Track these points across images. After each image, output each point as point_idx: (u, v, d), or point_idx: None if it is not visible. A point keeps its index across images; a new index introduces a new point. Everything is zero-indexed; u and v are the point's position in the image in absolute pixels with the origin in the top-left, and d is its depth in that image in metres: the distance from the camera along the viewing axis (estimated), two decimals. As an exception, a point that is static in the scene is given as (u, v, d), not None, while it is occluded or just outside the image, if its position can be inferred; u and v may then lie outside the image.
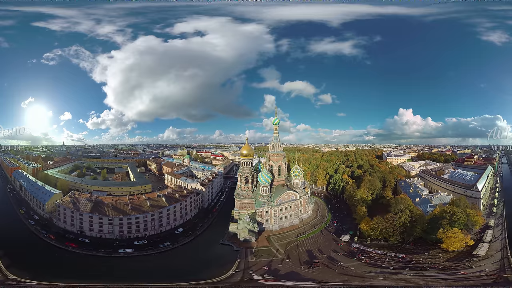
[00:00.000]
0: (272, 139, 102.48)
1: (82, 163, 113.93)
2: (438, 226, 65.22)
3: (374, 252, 70.05)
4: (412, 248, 68.78)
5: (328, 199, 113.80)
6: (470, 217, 66.98)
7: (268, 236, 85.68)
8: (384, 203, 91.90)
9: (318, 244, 79.55)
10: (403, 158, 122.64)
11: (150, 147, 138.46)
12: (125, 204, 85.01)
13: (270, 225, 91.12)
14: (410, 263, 61.89)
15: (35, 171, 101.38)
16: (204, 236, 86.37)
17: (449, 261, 60.24)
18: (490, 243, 62.66)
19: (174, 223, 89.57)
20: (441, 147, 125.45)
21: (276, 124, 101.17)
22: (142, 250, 74.04)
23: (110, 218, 78.84)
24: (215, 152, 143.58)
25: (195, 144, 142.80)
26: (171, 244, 78.09)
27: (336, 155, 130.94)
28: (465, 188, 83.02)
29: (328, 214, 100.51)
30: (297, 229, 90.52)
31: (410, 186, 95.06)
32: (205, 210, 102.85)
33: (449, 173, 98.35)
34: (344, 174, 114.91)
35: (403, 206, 75.16)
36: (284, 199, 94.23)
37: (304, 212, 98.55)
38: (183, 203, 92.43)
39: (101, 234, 77.86)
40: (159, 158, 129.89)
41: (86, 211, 79.73)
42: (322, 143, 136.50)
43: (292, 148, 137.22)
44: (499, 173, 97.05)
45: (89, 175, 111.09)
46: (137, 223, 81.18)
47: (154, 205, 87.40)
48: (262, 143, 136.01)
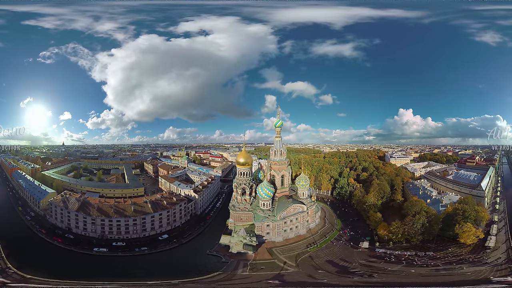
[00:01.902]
0: (274, 144, 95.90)
1: (79, 164, 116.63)
2: (453, 222, 73.01)
3: (403, 254, 73.28)
4: (434, 246, 74.36)
5: (334, 204, 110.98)
6: (479, 213, 74.96)
7: (270, 248, 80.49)
8: (394, 206, 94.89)
9: (336, 253, 77.43)
10: (406, 160, 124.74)
11: (150, 148, 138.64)
12: (109, 207, 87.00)
13: (272, 237, 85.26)
14: (442, 260, 68.41)
15: (33, 172, 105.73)
16: (189, 244, 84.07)
17: (471, 254, 68.95)
18: (496, 236, 73.08)
19: (159, 229, 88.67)
20: (441, 148, 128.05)
21: (278, 126, 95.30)
22: (116, 251, 77.37)
23: (93, 218, 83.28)
24: (214, 153, 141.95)
25: (195, 144, 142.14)
26: (148, 250, 78.31)
27: (338, 157, 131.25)
28: (470, 188, 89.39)
29: (337, 221, 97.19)
30: (305, 240, 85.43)
31: (419, 188, 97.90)
32: (198, 217, 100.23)
33: (453, 174, 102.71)
34: (350, 178, 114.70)
35: (418, 208, 79.94)
36: (289, 213, 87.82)
37: (311, 222, 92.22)
38: (170, 210, 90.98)
39: (85, 232, 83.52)
40: (156, 159, 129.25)
41: (73, 209, 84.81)
42: (322, 143, 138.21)
43: (292, 148, 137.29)
44: (500, 173, 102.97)
45: (86, 176, 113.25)
46: (118, 225, 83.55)
47: (138, 211, 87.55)
48: (262, 143, 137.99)
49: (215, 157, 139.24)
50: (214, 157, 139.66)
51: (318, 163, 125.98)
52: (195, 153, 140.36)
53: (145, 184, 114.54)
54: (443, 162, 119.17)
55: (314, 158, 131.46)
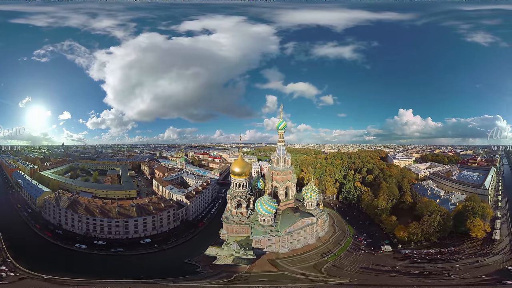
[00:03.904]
0: (277, 150, 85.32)
1: (77, 164, 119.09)
2: (465, 218, 78.53)
3: (429, 252, 75.59)
4: (450, 242, 78.12)
5: (341, 209, 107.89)
6: (485, 209, 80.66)
7: (274, 260, 73.30)
8: (404, 208, 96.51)
9: (363, 259, 74.71)
10: (409, 160, 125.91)
11: (149, 148, 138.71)
12: (96, 207, 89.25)
13: (276, 248, 77.09)
14: (464, 253, 72.43)
15: (32, 172, 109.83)
16: (171, 251, 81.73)
17: (484, 246, 74.16)
18: (500, 230, 79.80)
19: (143, 233, 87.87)
20: (442, 148, 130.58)
21: (281, 129, 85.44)
22: (93, 249, 79.86)
23: (79, 216, 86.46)
24: (213, 154, 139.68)
25: (195, 144, 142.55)
26: (123, 251, 79.20)
27: (340, 158, 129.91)
28: (474, 187, 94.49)
29: (348, 227, 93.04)
30: (317, 249, 78.75)
31: (426, 189, 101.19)
32: (189, 224, 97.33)
33: (457, 174, 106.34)
34: (356, 182, 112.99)
35: (432, 208, 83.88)
36: (296, 227, 79.35)
37: (320, 230, 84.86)
38: (156, 216, 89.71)
39: (73, 229, 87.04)
40: (153, 161, 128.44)
41: (63, 207, 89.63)
42: (322, 143, 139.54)
43: (293, 149, 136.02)
44: (500, 173, 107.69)
45: (83, 176, 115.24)
46: (102, 225, 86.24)
47: (122, 213, 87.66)
48: (262, 143, 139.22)
49: (213, 158, 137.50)
50: (213, 158, 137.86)
51: (320, 165, 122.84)
52: (193, 153, 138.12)
53: (139, 186, 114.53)
54: (445, 162, 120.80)
55: (316, 159, 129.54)
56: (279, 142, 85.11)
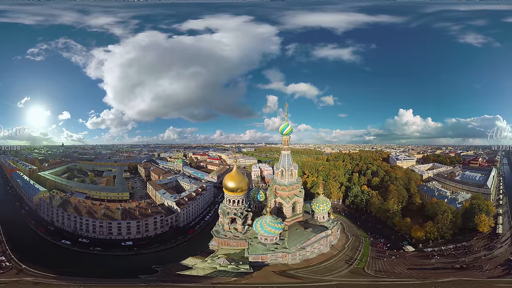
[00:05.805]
0: (281, 161, 74.93)
1: (75, 165, 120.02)
2: (472, 215, 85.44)
3: (448, 248, 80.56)
4: (461, 237, 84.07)
5: (348, 214, 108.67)
6: (489, 206, 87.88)
7: (284, 271, 66.43)
8: (413, 209, 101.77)
9: (396, 261, 75.94)
10: (412, 162, 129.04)
11: (148, 148, 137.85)
12: (84, 207, 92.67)
13: (283, 260, 69.66)
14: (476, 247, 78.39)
15: (30, 172, 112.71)
16: (149, 256, 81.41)
17: (490, 240, 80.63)
18: (502, 225, 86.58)
19: (127, 236, 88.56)
20: (442, 148, 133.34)
21: (286, 134, 75.28)
22: (76, 245, 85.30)
23: (68, 214, 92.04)
24: (212, 155, 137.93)
25: (195, 144, 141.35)
26: (99, 251, 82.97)
27: (342, 159, 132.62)
28: (478, 187, 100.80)
29: (360, 232, 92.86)
30: (334, 257, 73.35)
31: (433, 190, 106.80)
32: (179, 230, 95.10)
33: (460, 175, 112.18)
34: (363, 185, 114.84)
35: (442, 207, 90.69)
36: (310, 242, 72.22)
37: (333, 238, 79.52)
38: (141, 221, 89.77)
39: (63, 226, 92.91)
40: (150, 162, 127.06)
41: (55, 205, 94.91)
42: (322, 143, 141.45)
43: (293, 149, 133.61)
44: (501, 174, 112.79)
45: (80, 177, 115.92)
46: (87, 224, 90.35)
47: (107, 215, 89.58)
48: (262, 143, 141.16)
49: (212, 159, 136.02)
50: (212, 159, 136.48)
51: (323, 167, 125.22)
52: (192, 154, 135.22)
53: (135, 188, 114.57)
54: (446, 163, 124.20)
55: (317, 161, 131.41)
56: (284, 150, 74.62)
